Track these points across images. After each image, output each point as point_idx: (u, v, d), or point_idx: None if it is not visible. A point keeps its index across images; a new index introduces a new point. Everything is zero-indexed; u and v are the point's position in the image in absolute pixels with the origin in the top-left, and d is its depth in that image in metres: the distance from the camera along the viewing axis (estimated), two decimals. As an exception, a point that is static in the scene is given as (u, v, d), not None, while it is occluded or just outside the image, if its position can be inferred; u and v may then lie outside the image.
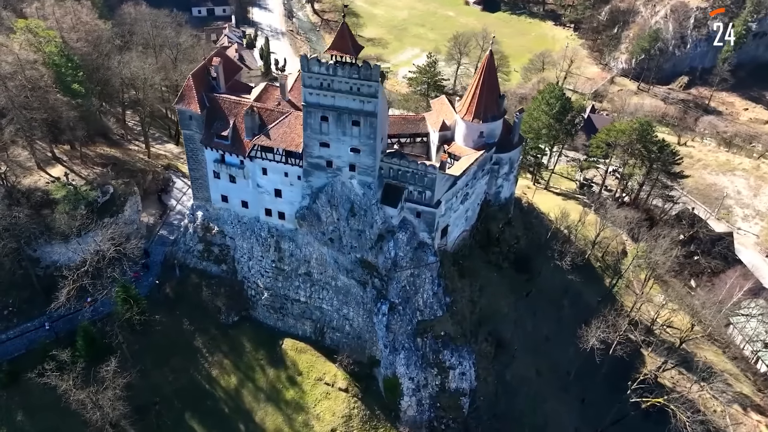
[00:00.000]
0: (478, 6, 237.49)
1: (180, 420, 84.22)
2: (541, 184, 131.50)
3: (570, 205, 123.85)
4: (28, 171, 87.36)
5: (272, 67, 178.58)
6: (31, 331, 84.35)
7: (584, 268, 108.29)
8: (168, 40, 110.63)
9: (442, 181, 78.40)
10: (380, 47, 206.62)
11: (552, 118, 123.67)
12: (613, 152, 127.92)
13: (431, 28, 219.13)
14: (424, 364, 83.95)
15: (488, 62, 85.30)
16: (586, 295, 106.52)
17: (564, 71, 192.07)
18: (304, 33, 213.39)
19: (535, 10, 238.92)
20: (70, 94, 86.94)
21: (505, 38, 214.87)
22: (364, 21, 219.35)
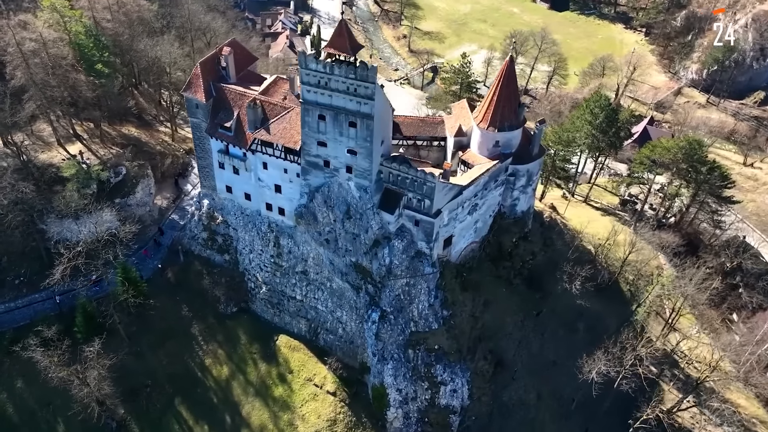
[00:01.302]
0: (546, 3, 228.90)
1: (169, 405, 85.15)
2: (574, 197, 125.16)
3: (607, 221, 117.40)
4: (47, 146, 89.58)
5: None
6: (38, 303, 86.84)
7: (609, 291, 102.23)
8: (203, 25, 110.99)
9: (444, 190, 75.10)
10: (436, 41, 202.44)
11: (595, 129, 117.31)
12: (657, 170, 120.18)
13: (492, 24, 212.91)
14: (415, 376, 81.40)
15: (507, 68, 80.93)
16: (605, 320, 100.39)
17: (626, 77, 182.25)
18: (362, 22, 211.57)
19: (606, 11, 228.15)
20: (94, 73, 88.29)
21: (568, 39, 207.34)
22: (424, 13, 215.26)
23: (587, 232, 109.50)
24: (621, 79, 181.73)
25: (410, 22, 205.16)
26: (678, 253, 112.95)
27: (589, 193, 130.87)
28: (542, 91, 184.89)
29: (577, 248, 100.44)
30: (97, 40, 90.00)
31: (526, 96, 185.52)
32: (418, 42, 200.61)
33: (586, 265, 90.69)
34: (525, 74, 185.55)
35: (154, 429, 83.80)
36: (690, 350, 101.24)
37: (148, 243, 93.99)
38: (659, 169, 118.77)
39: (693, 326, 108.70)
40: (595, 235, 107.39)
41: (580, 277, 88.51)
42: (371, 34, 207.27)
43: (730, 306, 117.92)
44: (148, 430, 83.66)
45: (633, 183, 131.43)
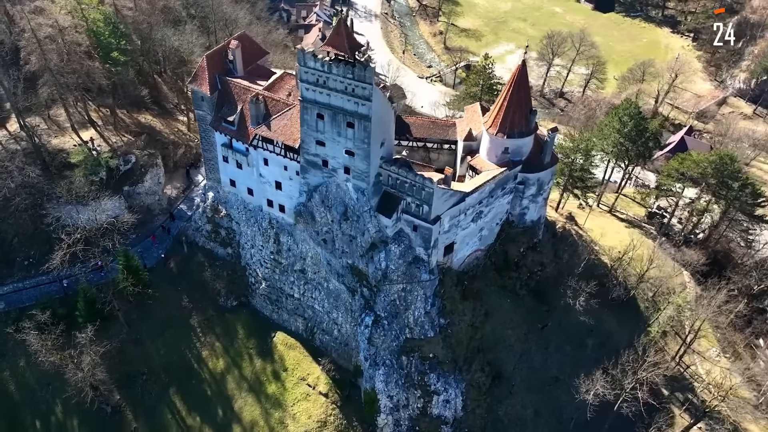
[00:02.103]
0: (590, 4, 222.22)
1: (164, 394, 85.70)
2: (599, 207, 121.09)
3: (630, 234, 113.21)
4: (62, 131, 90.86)
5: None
6: (45, 285, 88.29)
7: (625, 307, 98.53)
8: (225, 16, 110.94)
9: (445, 196, 73.05)
10: (473, 39, 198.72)
11: (623, 137, 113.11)
12: (686, 183, 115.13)
13: (533, 23, 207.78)
14: (407, 384, 79.82)
15: (519, 72, 78.26)
16: (617, 337, 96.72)
17: (667, 84, 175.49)
18: (399, 17, 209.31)
19: (653, 14, 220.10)
20: (110, 61, 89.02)
21: (611, 42, 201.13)
22: (463, 10, 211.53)
23: (606, 244, 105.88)
24: (662, 85, 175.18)
25: (447, 18, 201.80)
26: (701, 271, 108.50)
27: (614, 204, 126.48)
28: (579, 95, 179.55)
29: (589, 261, 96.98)
30: (116, 27, 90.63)
31: (561, 99, 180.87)
32: (454, 39, 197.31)
33: (593, 281, 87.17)
34: (561, 76, 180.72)
35: (148, 417, 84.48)
36: (707, 373, 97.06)
37: (157, 229, 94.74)
38: (688, 182, 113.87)
39: (713, 349, 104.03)
40: (614, 248, 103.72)
41: (584, 293, 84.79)
42: (407, 29, 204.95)
43: (755, 331, 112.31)
44: (142, 418, 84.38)
45: (661, 195, 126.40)
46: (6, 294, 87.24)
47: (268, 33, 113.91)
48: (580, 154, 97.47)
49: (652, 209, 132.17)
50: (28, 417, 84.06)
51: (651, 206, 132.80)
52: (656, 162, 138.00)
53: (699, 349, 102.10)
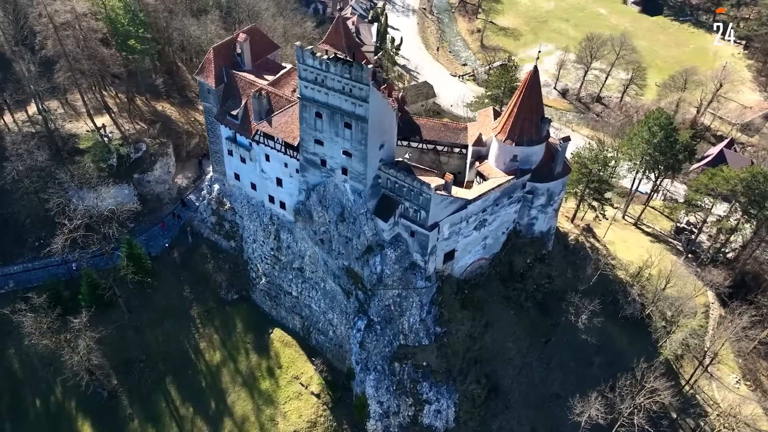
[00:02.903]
0: (637, 6, 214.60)
1: (160, 382, 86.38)
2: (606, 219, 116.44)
3: (654, 249, 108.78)
4: (78, 116, 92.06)
5: (388, 45, 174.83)
6: (54, 266, 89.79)
7: (639, 325, 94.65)
8: (248, 7, 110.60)
9: (444, 202, 71.03)
10: (511, 38, 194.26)
11: (652, 148, 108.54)
12: (716, 200, 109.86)
13: (575, 24, 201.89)
14: (399, 391, 78.38)
15: (531, 78, 75.26)
16: (627, 357, 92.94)
17: (711, 93, 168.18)
18: (437, 13, 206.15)
19: (704, 19, 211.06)
20: (126, 49, 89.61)
21: (656, 46, 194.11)
22: (503, 8, 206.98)
23: (625, 258, 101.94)
24: (705, 94, 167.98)
25: (486, 15, 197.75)
26: (726, 293, 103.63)
27: (640, 216, 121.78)
28: (616, 100, 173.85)
29: (603, 276, 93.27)
30: (135, 16, 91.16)
31: (598, 104, 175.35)
32: (492, 37, 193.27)
33: (597, 299, 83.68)
34: (599, 80, 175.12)
35: (143, 404, 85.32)
36: (723, 400, 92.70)
37: (167, 216, 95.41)
38: (719, 198, 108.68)
39: (733, 375, 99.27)
40: (633, 263, 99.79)
41: (587, 311, 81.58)
42: (445, 25, 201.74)
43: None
44: (137, 404, 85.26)
45: (689, 211, 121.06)
46: (16, 273, 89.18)
47: (291, 26, 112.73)
48: (597, 165, 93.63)
49: (681, 224, 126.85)
50: (29, 395, 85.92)
51: (679, 221, 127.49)
52: (690, 174, 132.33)
53: (718, 374, 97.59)
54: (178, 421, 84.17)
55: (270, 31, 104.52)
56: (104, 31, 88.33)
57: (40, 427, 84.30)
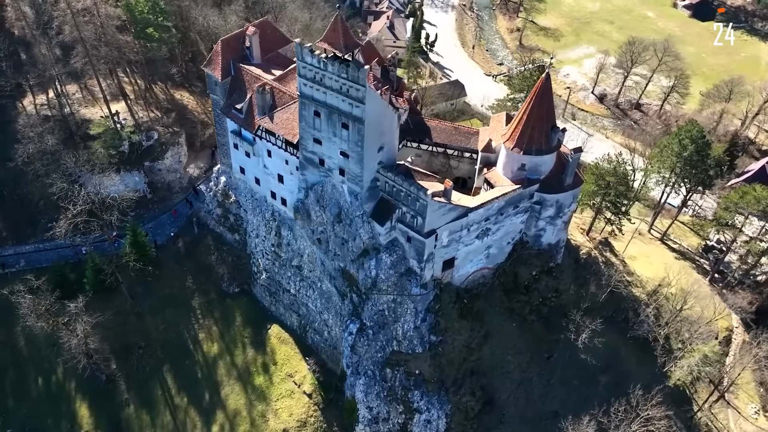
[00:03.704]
0: (688, 11, 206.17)
1: (157, 370, 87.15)
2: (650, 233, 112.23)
3: (679, 266, 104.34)
4: (95, 101, 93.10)
5: (422, 41, 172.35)
6: (63, 248, 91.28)
7: (651, 346, 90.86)
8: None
9: (443, 209, 68.97)
10: (551, 39, 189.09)
11: (681, 161, 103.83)
12: (746, 219, 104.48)
13: (619, 27, 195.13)
14: (390, 397, 77.01)
15: (543, 85, 72.29)
16: (635, 378, 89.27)
17: (758, 105, 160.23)
18: (477, 9, 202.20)
19: (759, 26, 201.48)
20: (144, 37, 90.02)
21: (703, 53, 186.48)
22: (546, 7, 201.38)
23: (645, 275, 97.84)
24: (751, 106, 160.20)
25: (528, 14, 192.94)
26: (750, 318, 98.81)
27: (667, 231, 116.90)
28: (656, 108, 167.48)
29: (616, 294, 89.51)
30: (155, 3, 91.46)
31: (636, 111, 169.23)
32: (531, 37, 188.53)
33: (599, 319, 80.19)
34: (640, 87, 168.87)
35: (140, 390, 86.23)
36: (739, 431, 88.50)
37: (180, 203, 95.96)
38: (751, 217, 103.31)
39: (752, 405, 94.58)
40: (653, 280, 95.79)
41: (588, 329, 78.45)
42: (484, 23, 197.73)
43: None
44: (134, 390, 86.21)
45: (719, 228, 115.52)
46: (27, 253, 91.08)
47: (315, 19, 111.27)
48: (615, 178, 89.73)
49: (710, 242, 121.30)
50: (32, 372, 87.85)
51: (709, 239, 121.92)
52: (726, 190, 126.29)
53: (735, 403, 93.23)
54: (172, 409, 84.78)
55: (292, 24, 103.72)
56: (123, 18, 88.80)
57: (41, 405, 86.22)
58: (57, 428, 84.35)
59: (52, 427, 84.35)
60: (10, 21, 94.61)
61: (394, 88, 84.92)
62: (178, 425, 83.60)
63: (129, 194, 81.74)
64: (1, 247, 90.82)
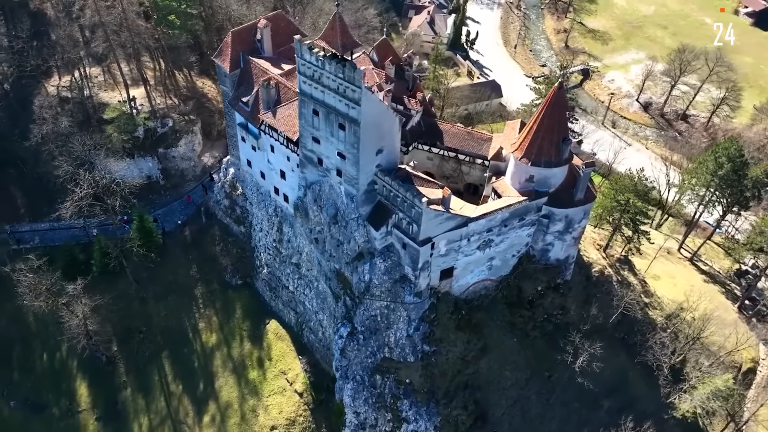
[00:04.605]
0: (749, 18, 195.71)
1: (156, 356, 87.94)
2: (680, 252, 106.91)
3: (707, 290, 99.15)
4: (116, 86, 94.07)
5: (462, 38, 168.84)
6: (76, 229, 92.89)
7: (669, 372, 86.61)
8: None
9: (439, 218, 66.65)
10: (599, 41, 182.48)
11: (716, 180, 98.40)
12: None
13: (673, 32, 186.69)
14: (379, 404, 75.50)
15: (555, 95, 68.91)
16: (642, 404, 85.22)
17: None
18: (525, 8, 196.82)
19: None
20: (165, 23, 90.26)
21: (762, 64, 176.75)
22: (597, 8, 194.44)
23: (666, 297, 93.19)
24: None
25: (576, 14, 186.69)
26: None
27: (698, 251, 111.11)
28: (704, 120, 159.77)
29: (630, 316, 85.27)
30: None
31: (683, 122, 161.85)
32: (578, 39, 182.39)
33: (599, 343, 76.39)
34: (688, 97, 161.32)
35: (138, 373, 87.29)
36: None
37: (195, 188, 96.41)
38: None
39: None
40: (673, 303, 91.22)
41: (586, 353, 74.95)
42: (531, 22, 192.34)
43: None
44: (133, 373, 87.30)
45: (752, 253, 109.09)
46: (42, 231, 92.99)
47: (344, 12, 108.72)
48: (633, 194, 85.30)
49: (745, 266, 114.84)
50: (38, 348, 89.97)
51: (743, 262, 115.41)
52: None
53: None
54: (166, 396, 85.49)
55: (318, 16, 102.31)
56: (145, 3, 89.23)
57: (44, 380, 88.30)
58: (57, 404, 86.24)
59: (53, 403, 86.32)
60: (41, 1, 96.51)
61: (409, 88, 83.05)
62: (171, 412, 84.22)
63: (133, 180, 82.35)
64: (18, 223, 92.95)
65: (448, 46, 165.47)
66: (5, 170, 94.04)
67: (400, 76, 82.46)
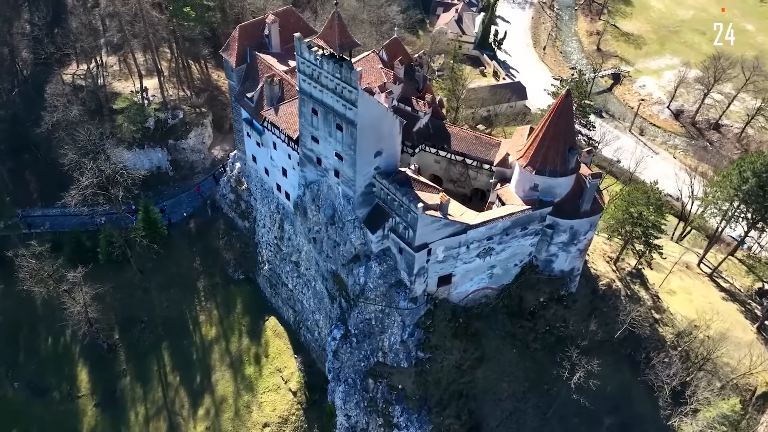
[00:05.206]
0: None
1: (156, 346, 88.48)
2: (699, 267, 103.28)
3: (725, 308, 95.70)
4: (130, 75, 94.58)
5: (490, 37, 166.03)
6: (85, 216, 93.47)
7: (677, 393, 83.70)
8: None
9: (435, 224, 65.14)
10: (633, 45, 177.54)
11: (740, 194, 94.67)
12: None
13: (711, 38, 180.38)
14: (371, 408, 74.59)
15: (562, 103, 66.69)
16: (646, 424, 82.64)
17: None
18: (558, 8, 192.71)
19: None
20: (180, 15, 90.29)
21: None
22: (632, 11, 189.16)
23: (679, 313, 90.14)
24: None
25: (610, 17, 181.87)
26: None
27: (718, 267, 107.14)
28: (737, 131, 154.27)
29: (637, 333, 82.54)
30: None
31: (715, 132, 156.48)
32: (611, 42, 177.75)
33: (595, 361, 73.87)
34: (722, 105, 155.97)
35: (137, 362, 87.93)
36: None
37: (206, 179, 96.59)
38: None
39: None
40: (686, 320, 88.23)
41: (583, 369, 72.66)
42: (563, 23, 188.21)
43: None
44: (133, 362, 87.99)
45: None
46: (53, 216, 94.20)
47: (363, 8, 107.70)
48: (645, 207, 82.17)
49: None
50: (44, 331, 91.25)
51: (766, 281, 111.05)
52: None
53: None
54: (164, 386, 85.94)
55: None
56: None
57: (47, 364, 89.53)
58: (58, 389, 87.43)
59: (54, 387, 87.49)
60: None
61: (419, 88, 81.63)
62: (168, 403, 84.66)
63: (141, 171, 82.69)
64: (31, 208, 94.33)
65: (475, 45, 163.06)
66: (21, 155, 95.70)
67: (411, 76, 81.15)
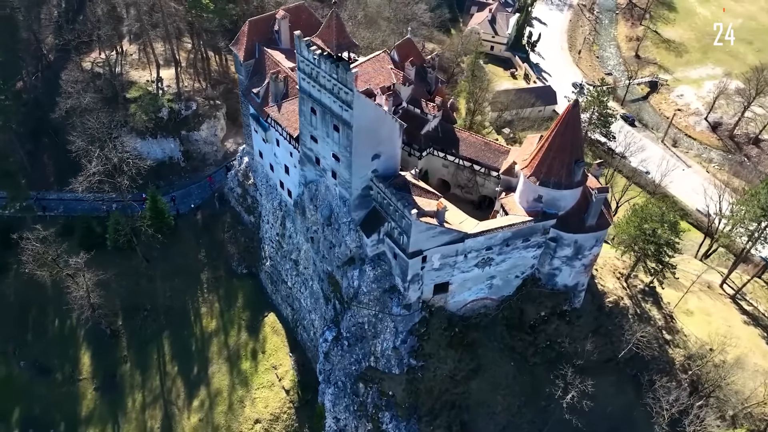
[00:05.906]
0: None
1: (157, 335, 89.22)
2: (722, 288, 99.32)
3: (745, 332, 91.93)
4: (149, 64, 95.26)
5: (524, 39, 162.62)
6: (97, 201, 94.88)
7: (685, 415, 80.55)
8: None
9: (430, 231, 63.59)
10: (673, 53, 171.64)
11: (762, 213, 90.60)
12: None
13: (758, 49, 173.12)
14: (360, 413, 73.62)
15: (569, 113, 64.21)
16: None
17: None
18: (598, 11, 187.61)
19: None
20: (199, 7, 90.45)
21: None
22: (676, 17, 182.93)
23: (694, 335, 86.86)
24: None
25: (652, 23, 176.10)
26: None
27: (742, 288, 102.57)
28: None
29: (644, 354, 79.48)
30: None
31: (754, 146, 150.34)
32: (651, 48, 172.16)
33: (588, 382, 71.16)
34: (763, 119, 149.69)
35: (139, 349, 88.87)
36: None
37: (219, 169, 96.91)
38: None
39: None
40: (700, 342, 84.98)
41: (576, 389, 70.16)
42: (602, 27, 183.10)
43: None
44: (134, 348, 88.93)
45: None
46: (66, 200, 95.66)
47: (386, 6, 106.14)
48: (660, 224, 78.83)
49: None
50: (51, 313, 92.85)
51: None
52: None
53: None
54: (162, 375, 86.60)
55: (356, 9, 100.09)
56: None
57: (53, 345, 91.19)
58: (61, 370, 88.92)
59: (57, 368, 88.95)
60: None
61: (430, 91, 79.96)
62: (164, 392, 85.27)
63: (149, 161, 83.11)
64: (46, 191, 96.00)
65: (507, 47, 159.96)
66: (39, 139, 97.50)
67: (422, 77, 79.54)
